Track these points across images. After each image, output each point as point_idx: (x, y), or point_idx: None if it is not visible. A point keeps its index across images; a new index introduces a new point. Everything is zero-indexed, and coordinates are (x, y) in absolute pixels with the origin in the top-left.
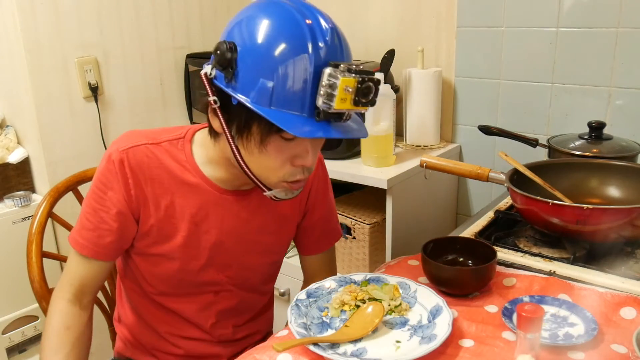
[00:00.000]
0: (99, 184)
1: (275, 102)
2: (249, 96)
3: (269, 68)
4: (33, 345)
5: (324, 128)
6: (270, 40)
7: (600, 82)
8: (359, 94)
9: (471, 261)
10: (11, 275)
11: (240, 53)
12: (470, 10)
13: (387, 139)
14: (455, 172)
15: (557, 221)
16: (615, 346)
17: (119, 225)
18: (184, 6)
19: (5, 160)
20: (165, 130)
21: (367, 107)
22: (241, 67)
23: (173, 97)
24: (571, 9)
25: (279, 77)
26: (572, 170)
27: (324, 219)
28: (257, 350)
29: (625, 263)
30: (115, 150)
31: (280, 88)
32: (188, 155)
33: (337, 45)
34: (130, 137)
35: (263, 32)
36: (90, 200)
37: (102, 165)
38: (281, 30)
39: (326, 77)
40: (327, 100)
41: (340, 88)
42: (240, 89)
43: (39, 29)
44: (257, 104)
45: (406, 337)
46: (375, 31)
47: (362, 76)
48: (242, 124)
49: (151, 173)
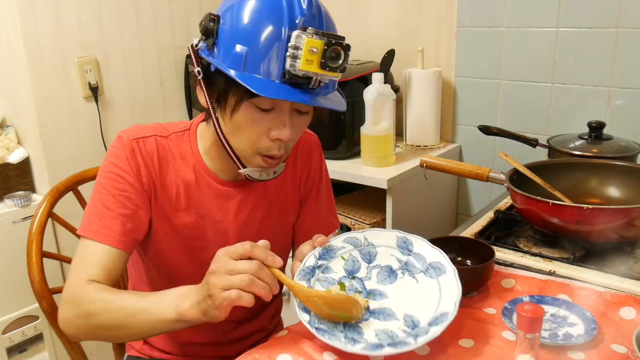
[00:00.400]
0: (114, 171)
1: (248, 67)
2: (225, 62)
3: (243, 33)
4: (33, 345)
5: (291, 91)
6: (248, 9)
7: (600, 82)
8: (326, 57)
9: (470, 261)
10: (11, 275)
11: (222, 24)
12: (470, 10)
13: (387, 139)
14: (455, 172)
15: (557, 221)
16: (615, 346)
17: (137, 212)
18: (184, 6)
19: (6, 160)
20: (171, 124)
21: (336, 72)
22: (220, 35)
23: (173, 97)
24: (571, 9)
25: (252, 42)
26: (572, 170)
27: (317, 208)
28: (257, 350)
29: (624, 263)
30: (126, 138)
31: (252, 52)
32: (194, 147)
33: (316, 15)
34: (138, 128)
35: (245, 3)
36: (107, 188)
37: (113, 152)
38: (261, 2)
39: (294, 38)
40: (293, 62)
41: (305, 48)
42: (218, 56)
43: (39, 29)
44: (231, 68)
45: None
46: (375, 31)
47: (329, 39)
48: (221, 93)
49: (160, 164)
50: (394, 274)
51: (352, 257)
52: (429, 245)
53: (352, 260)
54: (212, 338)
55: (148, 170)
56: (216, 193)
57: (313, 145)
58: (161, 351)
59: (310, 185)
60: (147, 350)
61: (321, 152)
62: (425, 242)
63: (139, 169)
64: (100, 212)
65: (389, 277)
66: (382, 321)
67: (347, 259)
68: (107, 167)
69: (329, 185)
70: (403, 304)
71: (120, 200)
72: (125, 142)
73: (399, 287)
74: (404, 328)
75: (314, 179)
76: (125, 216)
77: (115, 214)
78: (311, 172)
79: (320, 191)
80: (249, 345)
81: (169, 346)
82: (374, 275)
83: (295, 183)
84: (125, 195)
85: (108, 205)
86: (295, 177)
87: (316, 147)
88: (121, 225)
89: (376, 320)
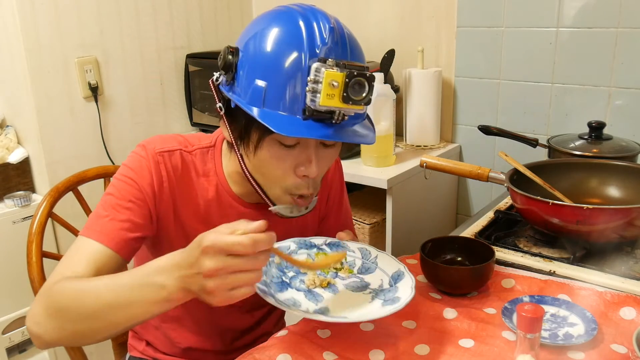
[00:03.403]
0: (132, 177)
1: (268, 103)
2: (245, 98)
3: (263, 67)
4: (33, 345)
5: (314, 127)
6: (268, 41)
7: (600, 82)
8: (348, 90)
9: (469, 261)
10: (11, 275)
11: (241, 57)
12: (470, 10)
13: (387, 139)
14: (455, 172)
15: (557, 221)
16: (615, 346)
17: (145, 223)
18: (184, 6)
19: (6, 160)
20: (194, 137)
21: (360, 105)
22: (240, 69)
23: (173, 97)
24: (571, 9)
25: (271, 77)
26: (572, 170)
27: (340, 224)
28: (257, 350)
29: (625, 263)
30: (152, 150)
31: (272, 88)
32: (218, 167)
33: (339, 42)
34: (163, 140)
35: (265, 36)
36: (121, 192)
37: (136, 159)
38: (280, 32)
39: (313, 71)
40: (313, 97)
41: (325, 82)
42: (238, 91)
43: (39, 29)
44: (250, 104)
45: (368, 300)
46: (375, 31)
47: (351, 70)
48: (243, 129)
49: (183, 180)
50: (364, 289)
51: (352, 259)
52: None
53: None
54: (218, 345)
55: (170, 185)
56: (237, 215)
57: (334, 164)
58: (164, 354)
59: (332, 204)
60: (150, 352)
61: (341, 169)
62: (410, 281)
63: (162, 183)
64: (105, 214)
65: (358, 289)
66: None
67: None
68: (124, 172)
69: (347, 197)
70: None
71: (129, 207)
72: (151, 153)
73: (358, 298)
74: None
75: (334, 197)
76: (132, 222)
77: (120, 219)
78: (332, 191)
79: (342, 206)
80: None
81: (172, 351)
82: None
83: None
84: (137, 204)
85: (116, 209)
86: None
87: (337, 164)
88: (124, 231)
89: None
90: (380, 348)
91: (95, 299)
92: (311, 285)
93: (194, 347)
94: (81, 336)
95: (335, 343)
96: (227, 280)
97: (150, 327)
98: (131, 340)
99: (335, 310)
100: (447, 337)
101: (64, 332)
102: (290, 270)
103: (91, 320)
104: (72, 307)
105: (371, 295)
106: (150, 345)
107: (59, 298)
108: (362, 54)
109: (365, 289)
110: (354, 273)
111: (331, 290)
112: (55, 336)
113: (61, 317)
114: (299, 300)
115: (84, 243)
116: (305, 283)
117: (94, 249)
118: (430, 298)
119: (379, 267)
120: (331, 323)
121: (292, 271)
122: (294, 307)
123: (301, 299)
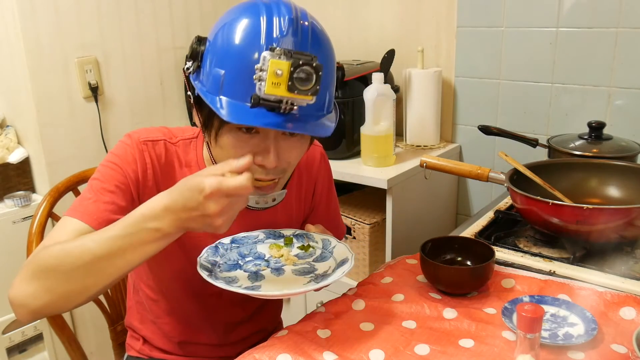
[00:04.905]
0: (116, 162)
1: (225, 90)
2: (206, 86)
3: (222, 56)
4: (33, 345)
5: (259, 115)
6: (230, 32)
7: (600, 82)
8: (294, 79)
9: (469, 261)
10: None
11: (207, 46)
12: (470, 10)
13: (387, 139)
14: (455, 172)
15: (557, 221)
16: (615, 346)
17: (128, 207)
18: (184, 6)
19: (6, 160)
20: (178, 129)
21: (307, 95)
22: (205, 59)
23: (173, 97)
24: (571, 9)
25: (228, 65)
26: (572, 170)
27: (327, 216)
28: (257, 350)
29: (625, 263)
30: (136, 138)
31: (229, 76)
32: (199, 157)
33: (298, 33)
34: (148, 131)
35: (229, 26)
36: (105, 177)
37: (121, 147)
38: (241, 23)
39: (261, 60)
40: (260, 85)
41: (270, 71)
42: (203, 80)
43: (39, 29)
44: (210, 93)
45: (304, 282)
46: (375, 31)
47: (297, 59)
48: (206, 117)
49: (166, 169)
50: (308, 274)
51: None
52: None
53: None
54: (211, 339)
55: (155, 172)
56: None
57: (319, 157)
58: (161, 350)
59: (319, 197)
60: (146, 351)
61: (327, 162)
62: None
63: (145, 170)
64: (89, 197)
65: (302, 273)
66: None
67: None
68: (110, 159)
69: (335, 191)
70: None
71: (113, 190)
72: (136, 142)
73: (297, 281)
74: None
75: (322, 191)
76: (115, 205)
77: (104, 200)
78: (318, 185)
79: (330, 200)
80: (249, 346)
81: (168, 346)
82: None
83: (300, 196)
84: (121, 188)
85: (100, 192)
86: (300, 191)
87: (322, 158)
88: (107, 212)
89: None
90: (380, 348)
91: (85, 253)
92: (276, 256)
93: (188, 340)
94: (71, 296)
95: (335, 343)
96: (230, 213)
97: (147, 322)
98: (129, 340)
99: (266, 290)
100: (447, 337)
101: (52, 294)
102: (249, 257)
103: (82, 276)
104: (61, 266)
105: (310, 278)
106: (147, 343)
107: (46, 259)
108: (326, 47)
109: (309, 274)
110: (309, 261)
111: (276, 273)
112: (41, 301)
113: (49, 278)
114: (237, 278)
115: (68, 221)
116: (266, 256)
117: (78, 227)
118: (430, 298)
119: (333, 256)
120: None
121: (252, 256)
122: (231, 284)
123: (241, 277)
